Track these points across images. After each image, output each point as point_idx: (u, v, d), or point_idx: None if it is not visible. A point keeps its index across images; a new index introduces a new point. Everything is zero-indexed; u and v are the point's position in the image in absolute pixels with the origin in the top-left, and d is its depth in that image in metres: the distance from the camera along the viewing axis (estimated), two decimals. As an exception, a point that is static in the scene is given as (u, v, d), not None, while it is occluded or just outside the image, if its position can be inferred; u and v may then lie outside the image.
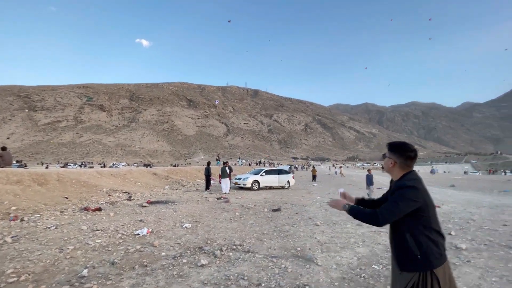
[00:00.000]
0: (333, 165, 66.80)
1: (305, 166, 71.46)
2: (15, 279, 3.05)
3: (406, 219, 1.63)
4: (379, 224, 1.68)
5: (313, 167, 28.66)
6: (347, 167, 66.65)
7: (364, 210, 1.77)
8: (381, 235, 5.18)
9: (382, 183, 20.31)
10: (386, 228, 1.75)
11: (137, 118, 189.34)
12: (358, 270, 3.56)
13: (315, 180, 22.54)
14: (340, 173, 33.05)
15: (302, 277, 3.31)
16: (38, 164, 79.81)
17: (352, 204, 1.91)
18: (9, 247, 4.12)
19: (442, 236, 1.68)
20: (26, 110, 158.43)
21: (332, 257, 4.03)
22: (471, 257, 4.12)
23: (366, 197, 2.27)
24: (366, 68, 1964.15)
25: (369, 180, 11.29)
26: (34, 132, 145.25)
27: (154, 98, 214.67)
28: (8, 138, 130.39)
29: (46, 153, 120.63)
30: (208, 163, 14.50)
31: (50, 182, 8.87)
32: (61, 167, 37.60)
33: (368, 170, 12.25)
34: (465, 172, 53.18)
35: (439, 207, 9.01)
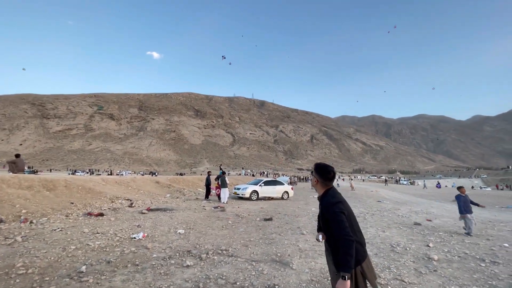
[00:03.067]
0: (338, 177, 66.38)
1: (309, 178, 71.18)
2: (24, 271, 3.53)
3: None
4: (352, 241, 1.89)
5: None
6: (351, 179, 66.02)
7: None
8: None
9: (384, 196, 20.30)
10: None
11: (145, 127, 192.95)
12: (327, 274, 3.89)
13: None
14: (350, 186, 32.79)
15: (274, 279, 3.67)
16: (47, 170, 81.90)
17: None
18: (19, 245, 4.62)
19: (362, 235, 2.13)
20: (39, 118, 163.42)
21: (307, 262, 4.38)
22: (439, 267, 4.38)
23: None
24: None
25: (464, 206, 7.14)
26: (45, 139, 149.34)
27: (162, 107, 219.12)
28: (21, 144, 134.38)
29: (56, 160, 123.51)
30: (209, 173, 14.96)
31: (58, 188, 9.46)
32: (70, 174, 38.67)
33: (460, 188, 7.64)
34: (473, 187, 52.07)
35: (430, 220, 9.19)
